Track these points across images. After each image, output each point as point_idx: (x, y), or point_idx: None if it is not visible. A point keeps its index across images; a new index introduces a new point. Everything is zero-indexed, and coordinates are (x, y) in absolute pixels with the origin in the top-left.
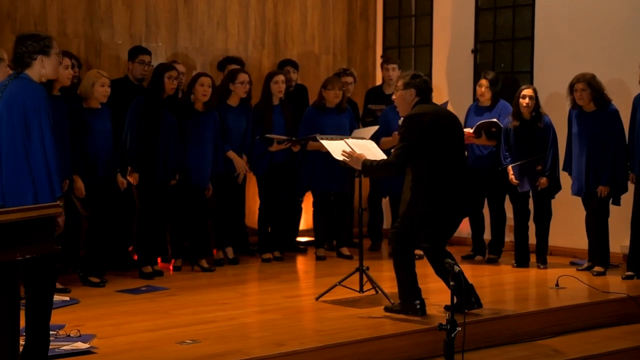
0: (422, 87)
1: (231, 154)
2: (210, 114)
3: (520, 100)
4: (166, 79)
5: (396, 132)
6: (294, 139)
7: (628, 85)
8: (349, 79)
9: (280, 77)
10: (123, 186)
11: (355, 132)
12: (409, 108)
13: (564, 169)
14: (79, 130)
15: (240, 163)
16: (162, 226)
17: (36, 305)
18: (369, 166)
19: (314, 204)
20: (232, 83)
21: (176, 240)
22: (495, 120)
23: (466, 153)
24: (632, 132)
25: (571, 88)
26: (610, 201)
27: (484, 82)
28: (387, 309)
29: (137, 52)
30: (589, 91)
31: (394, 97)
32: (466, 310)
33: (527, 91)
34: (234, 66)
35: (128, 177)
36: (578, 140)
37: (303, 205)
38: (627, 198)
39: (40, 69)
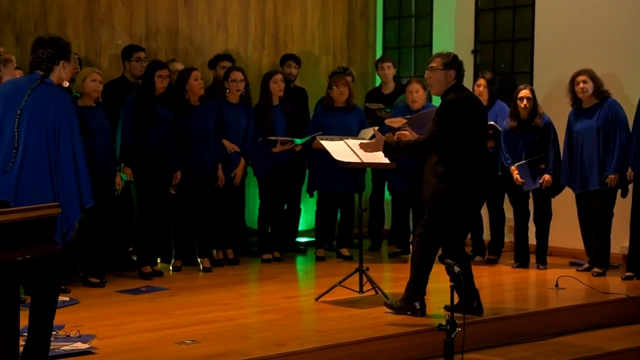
0: (461, 70)
1: (223, 142)
2: (207, 105)
3: (518, 102)
4: (156, 77)
5: (390, 134)
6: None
7: (629, 86)
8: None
9: (279, 77)
10: (119, 188)
11: (363, 132)
12: (444, 89)
13: (563, 181)
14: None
15: (230, 146)
16: (163, 226)
17: (42, 305)
18: (395, 146)
19: (318, 204)
20: (226, 81)
21: (179, 239)
22: (492, 123)
23: None
24: (637, 131)
25: (572, 82)
26: (619, 195)
27: (482, 81)
28: (386, 304)
29: (131, 50)
30: (592, 84)
31: (427, 75)
32: (464, 314)
33: (524, 92)
34: (225, 63)
35: (122, 173)
36: (583, 136)
37: (303, 206)
38: (627, 198)
39: (61, 73)
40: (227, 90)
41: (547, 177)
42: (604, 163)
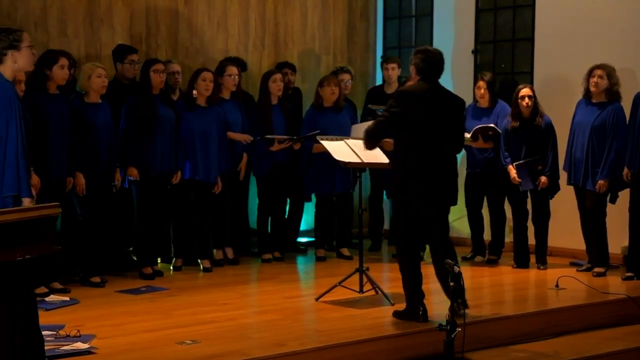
0: (420, 65)
1: (230, 134)
2: (213, 109)
3: (519, 100)
4: (152, 72)
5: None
6: (294, 137)
7: (629, 85)
8: (346, 77)
9: (278, 76)
10: (118, 184)
11: (355, 128)
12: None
13: (564, 168)
14: (81, 128)
15: (240, 137)
16: (163, 225)
17: (26, 307)
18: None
19: (317, 205)
20: (220, 76)
21: (179, 239)
22: (492, 125)
23: (465, 155)
24: (632, 130)
25: (589, 74)
26: (608, 199)
27: (481, 84)
28: (394, 314)
29: (124, 52)
30: (606, 81)
31: None
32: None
33: (525, 91)
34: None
35: (128, 174)
36: (579, 129)
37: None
38: (625, 198)
39: (12, 64)
40: (222, 86)
41: (543, 179)
42: (592, 164)
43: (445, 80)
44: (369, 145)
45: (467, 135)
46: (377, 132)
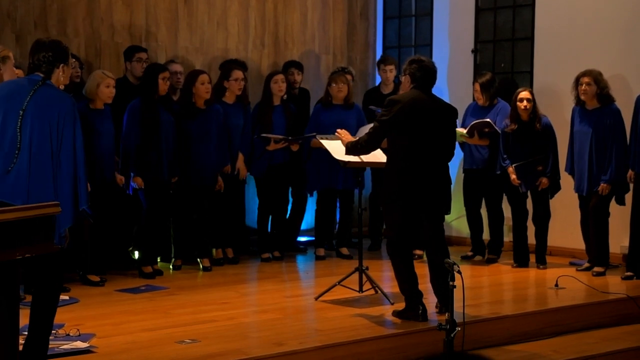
0: (417, 74)
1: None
2: (212, 109)
3: (518, 103)
4: (160, 80)
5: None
6: (290, 137)
7: (629, 84)
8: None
9: (280, 77)
10: (121, 182)
11: (362, 130)
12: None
13: (565, 170)
14: (85, 132)
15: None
16: (165, 226)
17: (43, 304)
18: (347, 146)
19: (317, 203)
20: (226, 80)
21: (179, 239)
22: (488, 120)
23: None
24: (635, 130)
25: (577, 82)
26: (614, 200)
27: (476, 86)
28: (394, 314)
29: (132, 51)
30: (594, 87)
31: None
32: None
33: (523, 94)
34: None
35: (133, 182)
36: (579, 138)
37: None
38: (627, 198)
39: (60, 76)
40: (227, 90)
41: (544, 180)
42: (597, 171)
43: (445, 80)
44: (363, 153)
45: (464, 130)
46: (371, 143)
